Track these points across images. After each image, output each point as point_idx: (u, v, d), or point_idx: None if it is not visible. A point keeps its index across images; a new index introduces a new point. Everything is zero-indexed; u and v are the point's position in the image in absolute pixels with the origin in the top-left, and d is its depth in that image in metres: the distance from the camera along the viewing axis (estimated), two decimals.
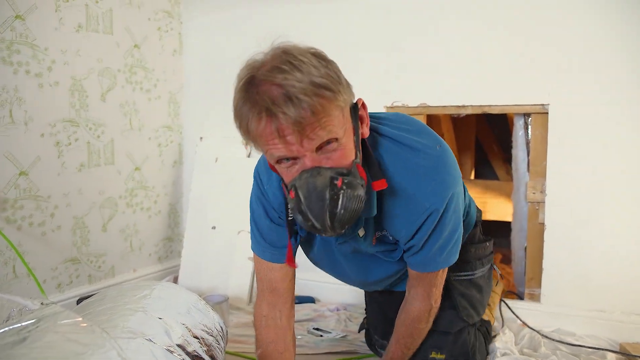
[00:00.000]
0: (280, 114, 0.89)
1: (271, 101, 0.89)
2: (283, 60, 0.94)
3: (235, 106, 0.97)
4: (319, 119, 0.91)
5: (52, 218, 2.13)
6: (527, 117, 2.27)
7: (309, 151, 0.94)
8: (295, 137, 0.91)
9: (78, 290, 2.26)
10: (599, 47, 2.00)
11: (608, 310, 2.04)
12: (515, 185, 2.35)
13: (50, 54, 2.08)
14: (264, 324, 1.31)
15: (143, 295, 1.36)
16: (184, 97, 2.86)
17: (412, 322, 1.35)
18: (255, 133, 0.94)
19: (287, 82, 0.90)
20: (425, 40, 2.30)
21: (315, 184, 0.93)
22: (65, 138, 2.16)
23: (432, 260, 1.23)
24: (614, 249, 2.03)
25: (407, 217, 1.15)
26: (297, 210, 0.97)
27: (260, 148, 0.99)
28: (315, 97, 0.90)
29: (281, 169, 1.00)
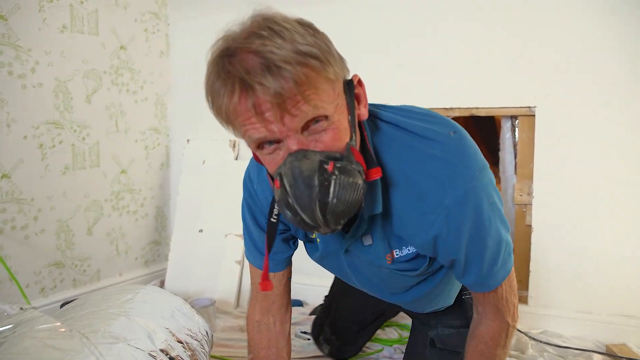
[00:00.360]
0: (257, 85, 0.74)
1: (245, 71, 0.75)
2: (262, 26, 0.79)
3: (207, 82, 0.82)
4: (302, 91, 0.75)
5: (35, 221, 2.10)
6: (514, 120, 2.28)
7: (293, 131, 0.78)
8: (274, 113, 0.75)
9: (62, 294, 2.22)
10: (586, 50, 2.01)
11: (595, 311, 2.05)
12: (503, 188, 2.35)
13: (34, 55, 2.05)
14: (256, 329, 1.22)
15: (126, 300, 1.34)
16: (171, 99, 2.84)
17: (487, 347, 1.07)
18: (230, 111, 0.79)
19: (265, 49, 0.75)
20: (414, 43, 2.30)
21: (301, 168, 0.77)
22: (49, 140, 2.13)
23: (490, 274, 1.00)
24: (601, 251, 2.03)
25: (422, 217, 0.93)
26: (284, 203, 0.80)
27: (238, 131, 0.82)
28: (299, 65, 0.75)
29: (263, 157, 0.84)
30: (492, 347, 1.06)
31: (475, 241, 0.94)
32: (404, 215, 0.94)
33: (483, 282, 1.01)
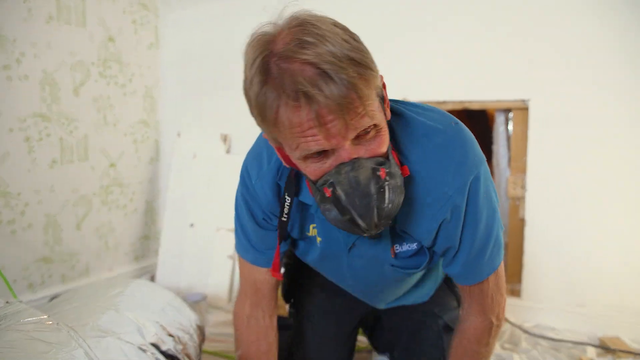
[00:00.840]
0: (321, 98, 0.72)
1: (305, 82, 0.72)
2: (305, 31, 0.76)
3: (253, 94, 0.78)
4: (363, 102, 0.75)
5: (22, 216, 2.06)
6: (507, 113, 2.27)
7: (347, 141, 0.78)
8: (338, 125, 0.75)
9: (51, 290, 2.18)
10: (580, 43, 2.01)
11: (588, 304, 2.04)
12: (496, 181, 2.34)
13: (19, 46, 2.00)
14: (245, 324, 1.18)
15: (116, 294, 1.31)
16: (161, 92, 2.80)
17: (469, 343, 1.09)
18: (283, 121, 0.76)
19: (321, 58, 0.73)
20: (407, 37, 2.28)
21: (358, 178, 0.79)
22: (36, 133, 2.09)
23: (475, 265, 1.02)
24: (595, 244, 2.03)
25: (426, 208, 0.95)
26: (337, 209, 0.82)
27: (287, 140, 0.80)
28: (356, 75, 0.74)
29: (308, 166, 0.82)
30: (474, 343, 1.08)
31: (467, 228, 0.97)
32: (409, 207, 0.95)
33: (469, 272, 1.03)
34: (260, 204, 1.05)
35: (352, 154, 0.79)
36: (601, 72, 1.98)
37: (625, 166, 1.97)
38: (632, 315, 1.97)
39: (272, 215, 1.06)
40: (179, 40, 2.75)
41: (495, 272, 1.03)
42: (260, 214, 1.07)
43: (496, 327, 1.09)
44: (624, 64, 1.95)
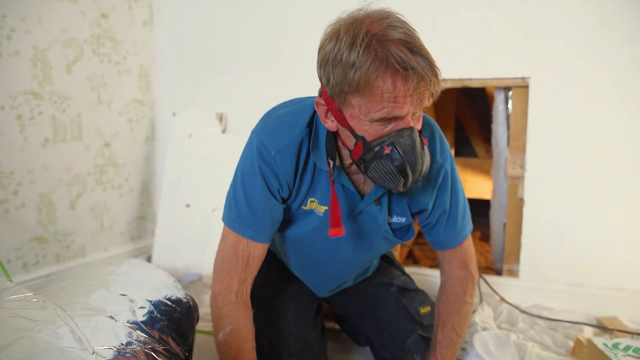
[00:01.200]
0: (421, 70, 0.92)
1: (410, 55, 0.92)
2: (391, 17, 1.00)
3: (347, 62, 0.94)
4: (434, 81, 0.96)
5: (15, 195, 2.03)
6: (507, 91, 2.23)
7: (413, 112, 0.99)
8: (423, 94, 0.96)
9: (45, 270, 2.17)
10: (582, 20, 1.96)
11: (586, 284, 2.04)
12: (495, 161, 2.32)
13: (9, 22, 1.96)
14: (234, 300, 1.20)
15: (108, 272, 1.29)
16: (156, 70, 2.75)
17: (457, 296, 1.30)
18: (383, 89, 0.93)
19: (415, 42, 0.95)
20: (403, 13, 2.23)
21: (415, 142, 0.99)
22: (28, 111, 2.05)
23: (461, 226, 1.29)
24: (593, 225, 2.02)
25: (427, 178, 1.19)
26: (394, 163, 0.99)
27: (369, 105, 0.96)
28: (431, 57, 0.96)
29: (371, 127, 1.00)
30: (461, 294, 1.30)
31: (456, 193, 1.27)
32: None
33: (457, 234, 1.29)
34: (278, 174, 1.14)
35: (410, 124, 0.99)
36: (603, 50, 1.94)
37: (626, 147, 1.95)
38: (630, 295, 1.96)
39: (285, 186, 1.16)
40: (174, 18, 2.70)
41: (469, 235, 1.33)
42: (276, 185, 1.15)
43: (476, 281, 1.34)
44: (627, 42, 1.91)
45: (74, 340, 0.78)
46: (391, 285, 1.52)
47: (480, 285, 2.15)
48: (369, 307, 1.50)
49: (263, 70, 2.51)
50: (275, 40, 2.46)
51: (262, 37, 2.50)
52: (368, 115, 0.98)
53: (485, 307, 1.94)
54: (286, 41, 2.43)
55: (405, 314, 1.44)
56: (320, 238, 1.23)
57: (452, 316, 1.29)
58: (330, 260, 1.33)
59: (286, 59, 2.43)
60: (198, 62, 2.67)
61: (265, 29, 2.49)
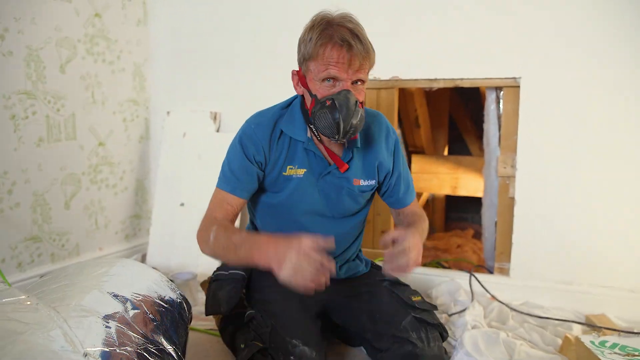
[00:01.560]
0: (355, 46, 1.29)
1: (349, 38, 1.29)
2: (350, 17, 1.36)
3: (311, 40, 1.33)
4: (367, 61, 1.34)
5: (9, 195, 2.04)
6: (499, 91, 2.25)
7: (350, 79, 1.33)
8: (355, 65, 1.31)
9: (40, 269, 2.18)
10: (573, 21, 1.98)
11: (575, 282, 2.06)
12: (487, 160, 2.34)
13: (3, 21, 1.96)
14: (217, 222, 1.45)
15: (101, 273, 1.30)
16: (150, 69, 2.76)
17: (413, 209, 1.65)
18: (328, 56, 1.31)
19: (357, 30, 1.33)
20: (396, 13, 2.24)
21: (349, 100, 1.32)
22: (22, 111, 2.06)
23: (412, 188, 1.66)
24: (583, 223, 2.04)
25: (380, 138, 1.55)
26: (330, 113, 1.32)
27: (319, 68, 1.33)
28: (370, 46, 1.34)
29: (322, 86, 1.35)
30: (417, 208, 1.66)
31: (404, 164, 1.63)
32: (375, 142, 1.55)
33: (410, 194, 1.64)
34: (255, 142, 1.45)
35: (348, 87, 1.33)
36: (594, 50, 1.96)
37: (614, 145, 1.97)
38: (618, 292, 1.99)
39: (261, 151, 1.45)
40: (168, 16, 2.70)
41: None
42: (252, 150, 1.45)
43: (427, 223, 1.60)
44: (617, 43, 1.93)
45: (66, 342, 0.80)
46: (383, 281, 1.61)
47: (472, 283, 2.18)
48: (364, 302, 1.56)
49: (257, 70, 2.52)
50: (270, 40, 2.47)
51: (256, 36, 2.51)
52: (318, 75, 1.34)
53: (476, 305, 1.97)
54: (281, 40, 2.44)
55: (399, 301, 1.53)
56: (301, 198, 1.50)
57: (417, 221, 1.56)
58: (313, 223, 1.53)
59: (280, 58, 2.43)
60: (192, 61, 2.68)
61: (259, 29, 2.50)
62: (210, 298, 1.55)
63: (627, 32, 1.92)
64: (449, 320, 1.93)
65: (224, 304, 1.50)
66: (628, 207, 1.98)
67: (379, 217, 2.54)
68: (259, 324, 1.41)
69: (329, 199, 1.52)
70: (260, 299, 1.51)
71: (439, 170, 3.67)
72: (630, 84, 1.93)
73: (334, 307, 1.61)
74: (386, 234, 1.39)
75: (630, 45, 1.92)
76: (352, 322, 1.58)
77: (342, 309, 1.61)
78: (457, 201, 4.24)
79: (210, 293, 1.57)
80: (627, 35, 1.92)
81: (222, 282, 1.58)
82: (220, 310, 1.51)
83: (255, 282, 1.59)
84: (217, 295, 1.53)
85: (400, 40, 2.23)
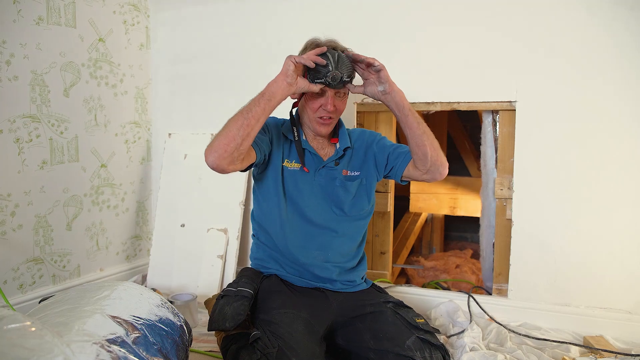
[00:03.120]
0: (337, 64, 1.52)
1: (333, 47, 1.56)
2: (335, 40, 1.61)
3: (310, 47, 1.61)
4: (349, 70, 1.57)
5: (12, 217, 2.07)
6: (495, 114, 2.29)
7: (333, 90, 1.59)
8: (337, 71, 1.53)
9: (41, 290, 2.20)
10: (568, 45, 2.03)
11: (573, 304, 2.07)
12: (484, 182, 2.36)
13: (9, 47, 2.01)
14: None
15: (103, 296, 1.32)
16: (152, 92, 2.80)
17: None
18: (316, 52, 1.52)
19: (339, 48, 1.58)
20: (394, 39, 2.29)
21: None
22: (26, 134, 2.10)
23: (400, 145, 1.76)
24: (580, 245, 2.06)
25: (364, 145, 1.77)
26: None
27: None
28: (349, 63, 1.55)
29: (312, 97, 1.61)
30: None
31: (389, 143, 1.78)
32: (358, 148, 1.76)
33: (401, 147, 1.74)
34: (271, 123, 1.73)
35: (332, 99, 1.59)
36: (589, 74, 2.01)
37: (611, 167, 2.00)
38: (615, 314, 2.00)
39: (273, 130, 1.70)
40: (169, 41, 2.76)
41: None
42: (268, 129, 1.69)
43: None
44: (612, 65, 1.98)
45: None
46: (387, 302, 1.64)
47: (470, 304, 2.19)
48: (368, 322, 1.58)
49: (256, 91, 2.55)
50: (269, 61, 2.52)
51: (255, 58, 2.56)
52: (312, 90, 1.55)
53: (474, 327, 1.98)
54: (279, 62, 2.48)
55: (403, 322, 1.54)
56: (299, 186, 1.68)
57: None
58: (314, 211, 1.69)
59: None
60: (193, 83, 2.72)
61: (257, 50, 2.55)
62: (217, 314, 1.55)
63: (623, 57, 1.96)
64: (447, 342, 1.94)
65: (230, 320, 1.50)
66: (625, 228, 2.00)
67: (377, 238, 2.56)
68: (265, 344, 1.41)
69: (325, 191, 1.70)
70: (266, 320, 1.52)
71: (437, 191, 3.70)
72: (625, 106, 1.97)
73: (338, 327, 1.62)
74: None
75: (625, 69, 1.96)
76: (356, 341, 1.59)
77: (346, 328, 1.61)
78: (456, 220, 4.26)
79: (216, 308, 1.57)
80: (623, 60, 1.96)
81: (230, 297, 1.58)
82: (225, 326, 1.50)
83: (260, 304, 1.61)
84: (223, 311, 1.53)
85: (398, 64, 2.27)
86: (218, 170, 1.45)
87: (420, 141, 1.56)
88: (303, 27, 2.42)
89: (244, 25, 2.57)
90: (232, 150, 1.41)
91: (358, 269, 1.78)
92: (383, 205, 2.52)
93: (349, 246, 1.74)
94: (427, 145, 1.56)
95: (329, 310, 1.63)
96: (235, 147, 1.41)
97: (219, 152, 1.40)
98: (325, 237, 1.70)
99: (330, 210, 1.71)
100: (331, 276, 1.68)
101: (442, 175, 1.62)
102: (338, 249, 1.70)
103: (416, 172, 1.65)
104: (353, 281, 1.73)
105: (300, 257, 1.67)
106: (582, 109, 2.02)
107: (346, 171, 1.72)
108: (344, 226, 1.72)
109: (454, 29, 2.18)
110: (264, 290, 1.65)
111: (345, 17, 2.37)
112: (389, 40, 2.29)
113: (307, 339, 1.47)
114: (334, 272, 1.69)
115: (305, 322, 1.52)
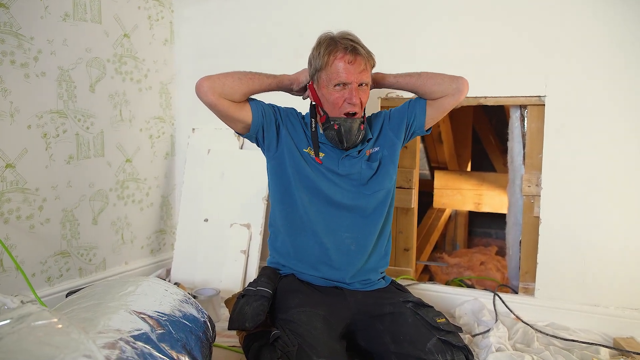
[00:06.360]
0: (358, 49, 1.56)
1: (352, 44, 1.56)
2: (349, 32, 1.62)
3: (320, 55, 1.58)
4: (369, 64, 1.60)
5: (40, 211, 2.10)
6: (523, 109, 2.23)
7: (357, 82, 1.58)
8: (360, 66, 1.56)
9: (69, 283, 2.23)
10: (599, 38, 1.97)
11: (602, 304, 2.02)
12: (511, 178, 2.32)
13: (36, 44, 2.03)
14: None
15: (128, 292, 1.33)
16: (176, 87, 2.82)
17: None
18: (334, 62, 1.57)
19: (357, 39, 1.60)
20: (419, 32, 2.25)
21: (352, 127, 1.62)
22: (53, 130, 2.13)
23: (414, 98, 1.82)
24: (610, 244, 2.00)
25: (380, 121, 1.81)
26: (336, 134, 1.62)
27: (330, 76, 1.58)
28: (370, 51, 1.61)
29: (335, 92, 1.59)
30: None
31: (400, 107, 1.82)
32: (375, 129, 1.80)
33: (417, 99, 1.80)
34: (294, 115, 1.77)
35: (356, 92, 1.59)
36: (619, 68, 1.94)
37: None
38: None
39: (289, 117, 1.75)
40: (193, 36, 2.76)
41: None
42: (278, 110, 1.75)
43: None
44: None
45: None
46: (407, 302, 1.62)
47: (496, 303, 2.15)
48: (387, 323, 1.56)
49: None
50: (294, 55, 2.50)
51: (280, 53, 2.54)
52: (329, 82, 1.59)
53: (500, 326, 1.94)
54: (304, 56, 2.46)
55: (423, 323, 1.52)
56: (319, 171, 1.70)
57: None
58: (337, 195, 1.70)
59: None
60: None
61: (282, 45, 2.54)
62: (237, 313, 1.56)
63: None
64: (472, 341, 1.91)
65: (250, 320, 1.51)
66: None
67: (400, 235, 2.54)
68: (285, 343, 1.42)
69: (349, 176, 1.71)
70: (285, 319, 1.52)
71: (462, 186, 3.65)
72: None
73: (357, 328, 1.61)
74: None
75: None
76: (375, 343, 1.58)
77: (365, 329, 1.60)
78: (480, 217, 4.20)
79: (237, 308, 1.58)
80: None
81: (249, 297, 1.59)
82: (245, 326, 1.51)
83: (279, 303, 1.61)
84: (243, 310, 1.54)
85: (424, 59, 2.24)
86: (205, 98, 1.66)
87: (428, 89, 1.71)
88: (329, 21, 2.39)
89: (268, 19, 2.56)
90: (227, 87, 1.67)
91: (380, 263, 1.77)
92: (407, 201, 2.49)
93: (368, 238, 1.73)
94: (434, 85, 1.70)
95: (347, 308, 1.63)
96: (230, 86, 1.67)
97: (212, 79, 1.67)
98: (354, 218, 1.71)
99: (356, 191, 1.71)
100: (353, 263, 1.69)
101: (464, 86, 1.70)
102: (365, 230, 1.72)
103: (436, 103, 1.73)
104: (368, 279, 1.73)
105: (326, 241, 1.68)
106: (614, 105, 1.96)
107: (369, 151, 1.75)
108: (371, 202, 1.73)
109: (482, 22, 2.13)
110: (282, 290, 1.66)
111: (372, 13, 2.34)
112: (416, 34, 2.25)
113: (326, 336, 1.48)
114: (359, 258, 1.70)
115: (324, 319, 1.52)
